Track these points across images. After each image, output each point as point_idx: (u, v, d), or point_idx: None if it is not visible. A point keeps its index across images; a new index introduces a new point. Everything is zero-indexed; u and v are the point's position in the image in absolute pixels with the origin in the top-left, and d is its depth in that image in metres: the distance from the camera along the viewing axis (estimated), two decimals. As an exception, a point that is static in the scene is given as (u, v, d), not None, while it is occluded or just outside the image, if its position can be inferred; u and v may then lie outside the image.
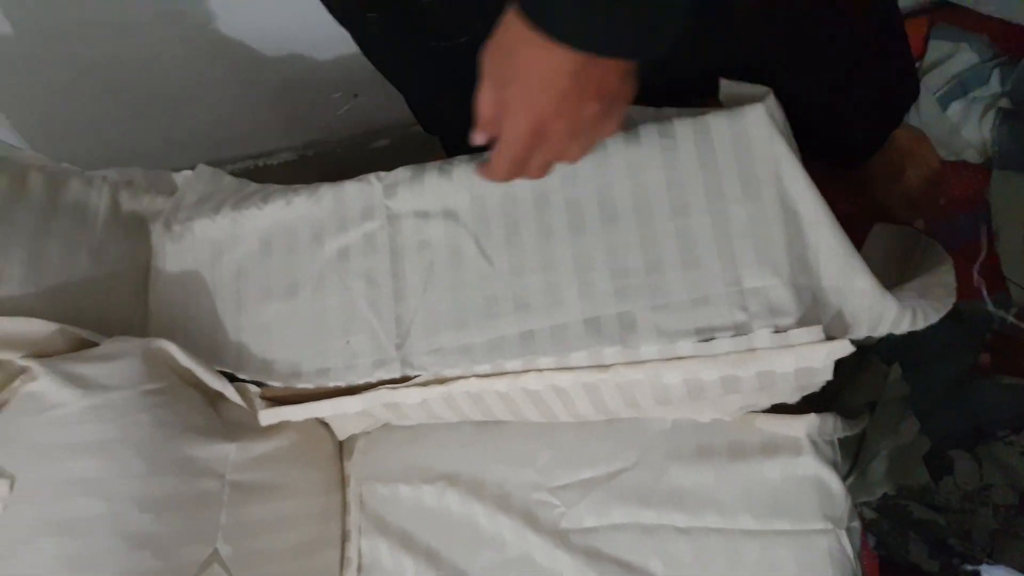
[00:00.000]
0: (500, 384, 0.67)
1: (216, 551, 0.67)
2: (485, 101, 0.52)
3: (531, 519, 0.73)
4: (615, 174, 0.66)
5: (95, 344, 0.71)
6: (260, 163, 1.27)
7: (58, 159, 0.79)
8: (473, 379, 0.68)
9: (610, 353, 0.64)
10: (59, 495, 0.62)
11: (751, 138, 0.64)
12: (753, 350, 0.62)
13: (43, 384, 0.65)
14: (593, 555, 0.70)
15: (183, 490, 0.66)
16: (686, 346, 0.63)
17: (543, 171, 0.56)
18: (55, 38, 1.04)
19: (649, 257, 0.64)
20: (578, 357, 0.65)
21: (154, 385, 0.67)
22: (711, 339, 0.62)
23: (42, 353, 0.67)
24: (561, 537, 0.72)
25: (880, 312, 0.64)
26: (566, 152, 0.54)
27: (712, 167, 0.65)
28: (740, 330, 0.62)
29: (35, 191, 0.74)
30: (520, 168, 0.55)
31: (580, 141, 0.53)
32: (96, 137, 1.16)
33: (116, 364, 0.67)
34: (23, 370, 0.67)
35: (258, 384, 0.74)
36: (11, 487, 0.62)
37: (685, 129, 0.66)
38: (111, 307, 0.76)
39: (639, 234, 0.65)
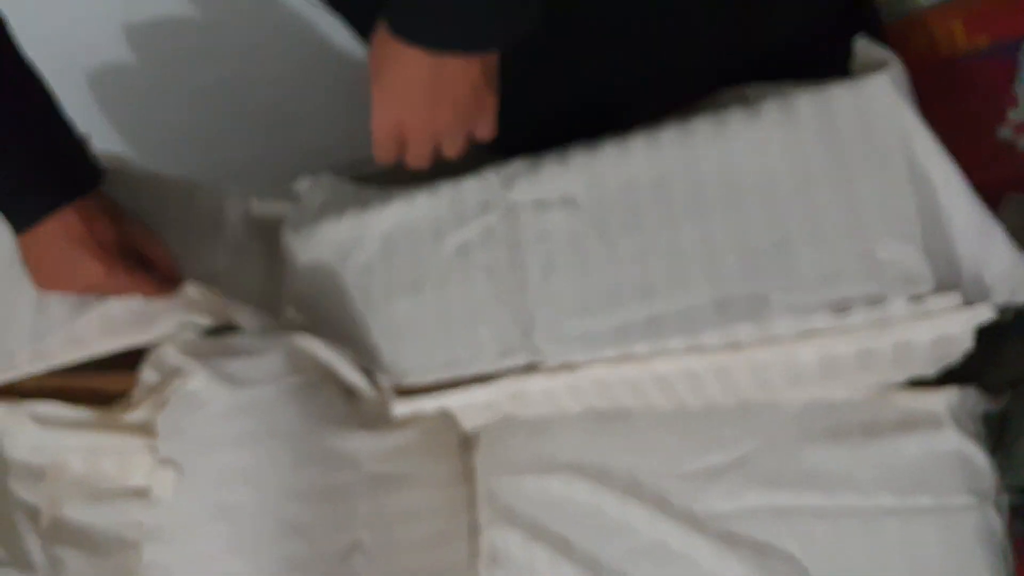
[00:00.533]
0: (628, 369, 0.68)
1: (359, 539, 0.70)
2: (372, 94, 0.60)
3: (662, 505, 0.73)
4: (737, 154, 0.66)
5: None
6: (366, 170, 1.31)
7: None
8: (600, 365, 0.69)
9: (742, 331, 0.64)
10: (219, 484, 0.66)
11: (876, 108, 0.64)
12: (889, 320, 0.61)
13: (198, 382, 0.69)
14: (729, 539, 0.70)
15: (326, 480, 0.69)
16: (820, 320, 0.62)
17: (419, 160, 0.64)
18: (173, 64, 1.10)
19: (776, 235, 0.64)
20: (709, 338, 0.65)
21: (296, 379, 0.71)
22: (846, 311, 0.62)
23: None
24: (695, 522, 0.71)
25: (1020, 276, 0.62)
26: (438, 148, 0.62)
27: (836, 140, 0.64)
28: (875, 300, 0.61)
29: (175, 202, 0.79)
30: (392, 154, 0.63)
31: (449, 142, 0.62)
32: (211, 153, 1.23)
33: (261, 359, 0.71)
34: (180, 371, 0.71)
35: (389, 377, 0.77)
36: (178, 476, 0.67)
37: (806, 104, 0.66)
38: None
39: (765, 213, 0.65)
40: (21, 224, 0.68)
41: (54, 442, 0.70)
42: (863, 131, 0.63)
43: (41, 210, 0.67)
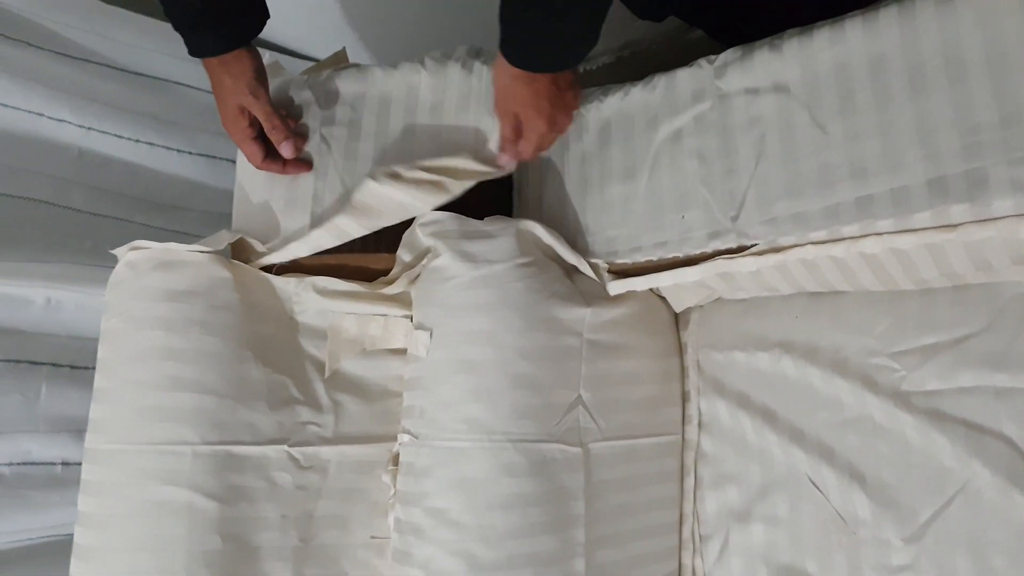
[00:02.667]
0: (836, 250, 0.69)
1: (579, 396, 0.79)
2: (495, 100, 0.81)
3: (869, 382, 0.75)
4: (964, 27, 0.64)
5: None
6: (581, 69, 1.36)
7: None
8: (808, 246, 0.71)
9: (957, 212, 0.63)
10: (462, 343, 0.78)
11: None
12: None
13: (445, 260, 0.81)
14: (937, 416, 0.71)
15: (551, 344, 0.79)
16: (1048, 199, 0.60)
17: (530, 146, 0.80)
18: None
19: (1006, 110, 0.61)
20: (921, 218, 0.65)
21: (524, 259, 0.80)
22: None
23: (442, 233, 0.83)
24: (902, 399, 0.73)
25: None
26: (544, 136, 0.79)
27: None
28: None
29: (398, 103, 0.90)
30: (514, 140, 0.80)
31: (549, 130, 0.79)
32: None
33: (495, 242, 0.81)
34: (429, 249, 0.83)
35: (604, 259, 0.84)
36: (430, 337, 0.80)
37: (1049, -34, 0.61)
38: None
39: (993, 87, 0.62)
40: (192, 53, 0.79)
41: (332, 309, 0.85)
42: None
43: (206, 49, 0.79)
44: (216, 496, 0.75)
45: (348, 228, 0.82)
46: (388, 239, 0.86)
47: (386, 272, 0.88)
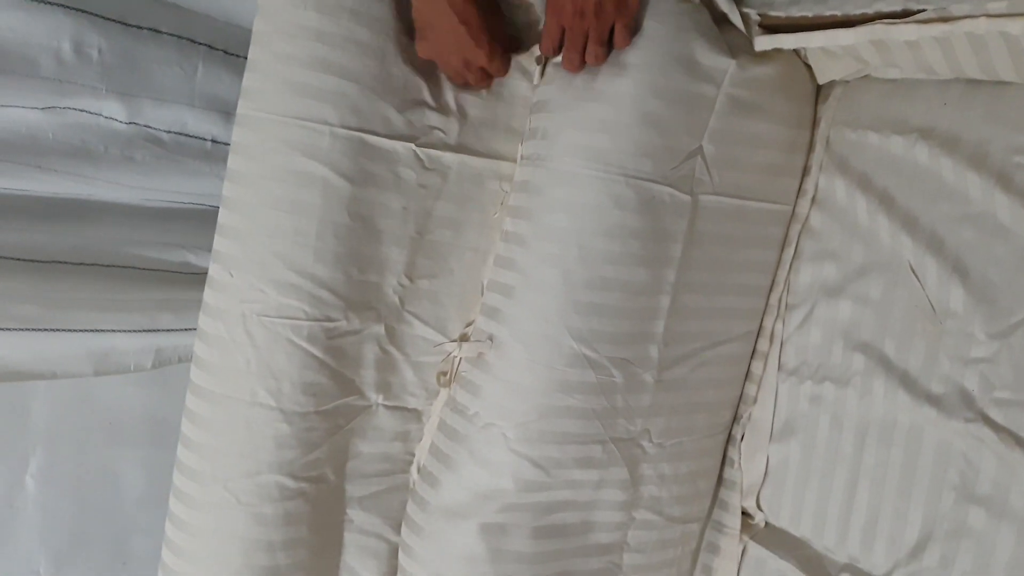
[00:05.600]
0: (1013, 26, 0.65)
1: (701, 146, 0.80)
2: None
3: (1004, 180, 0.72)
4: None
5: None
6: None
7: None
8: (982, 19, 0.66)
9: None
10: (595, 71, 0.79)
11: None
12: None
13: None
14: (1068, 223, 0.69)
15: (687, 88, 0.78)
16: None
17: (574, 48, 0.78)
18: None
19: None
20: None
21: (674, -5, 0.78)
22: None
23: None
24: (1036, 201, 0.71)
25: None
26: (596, 34, 0.76)
27: None
28: None
29: None
30: (577, 53, 0.78)
31: (603, 26, 0.76)
32: None
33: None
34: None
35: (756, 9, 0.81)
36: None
37: None
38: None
39: None
40: None
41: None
42: None
43: None
44: (348, 177, 0.81)
45: None
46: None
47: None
